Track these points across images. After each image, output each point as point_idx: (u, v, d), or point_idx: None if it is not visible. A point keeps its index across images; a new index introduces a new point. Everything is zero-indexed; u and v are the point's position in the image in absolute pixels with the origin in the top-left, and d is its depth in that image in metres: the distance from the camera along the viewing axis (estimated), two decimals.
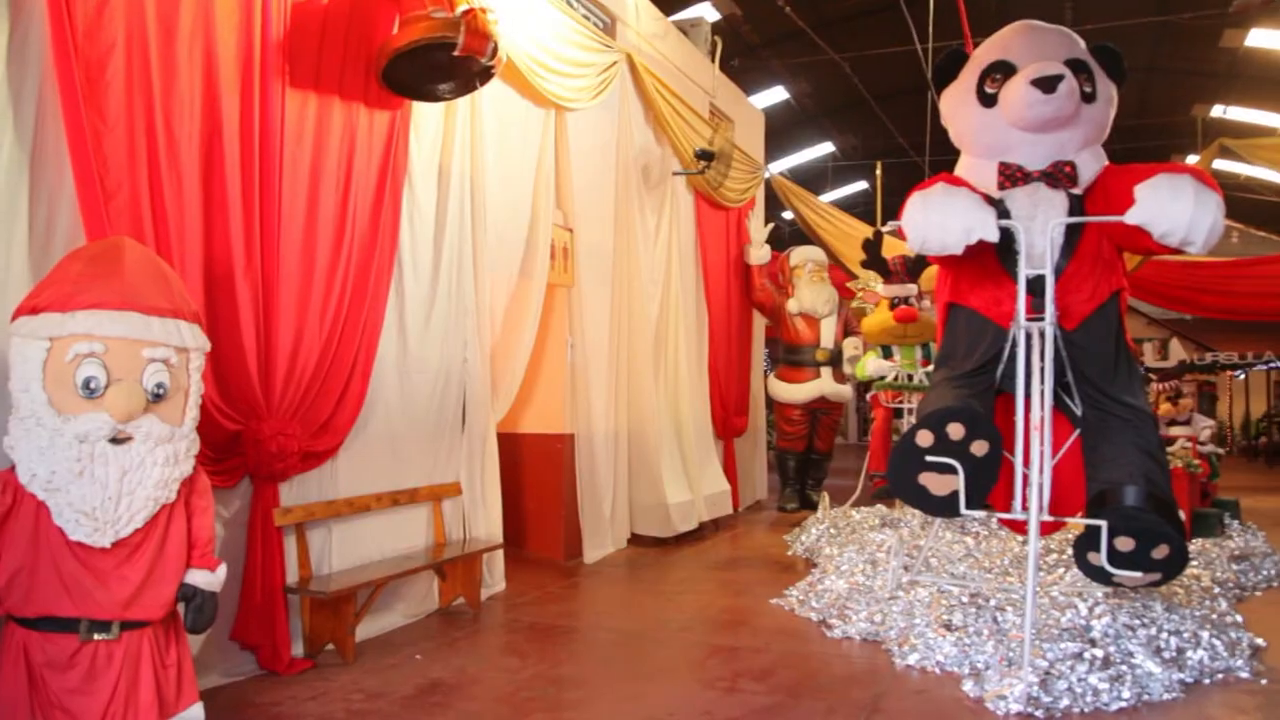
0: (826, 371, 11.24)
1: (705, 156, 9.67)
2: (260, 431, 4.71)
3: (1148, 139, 18.68)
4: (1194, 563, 7.21)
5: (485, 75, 5.59)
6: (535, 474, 8.09)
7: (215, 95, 4.53)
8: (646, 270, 9.12)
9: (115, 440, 3.25)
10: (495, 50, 5.29)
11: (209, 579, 3.59)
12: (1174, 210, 5.01)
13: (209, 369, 4.01)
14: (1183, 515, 6.15)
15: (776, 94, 17.83)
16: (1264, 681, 4.88)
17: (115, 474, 3.23)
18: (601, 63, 8.02)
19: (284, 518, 4.95)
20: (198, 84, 4.46)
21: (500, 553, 6.79)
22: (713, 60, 11.28)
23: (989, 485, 5.16)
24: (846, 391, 11.66)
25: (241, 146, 4.69)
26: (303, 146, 5.08)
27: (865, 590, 6.38)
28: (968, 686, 4.67)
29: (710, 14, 13.45)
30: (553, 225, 7.53)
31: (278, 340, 4.89)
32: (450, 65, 5.32)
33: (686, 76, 10.44)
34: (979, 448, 5.02)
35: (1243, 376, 27.13)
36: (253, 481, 4.85)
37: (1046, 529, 5.83)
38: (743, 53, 15.20)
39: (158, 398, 3.35)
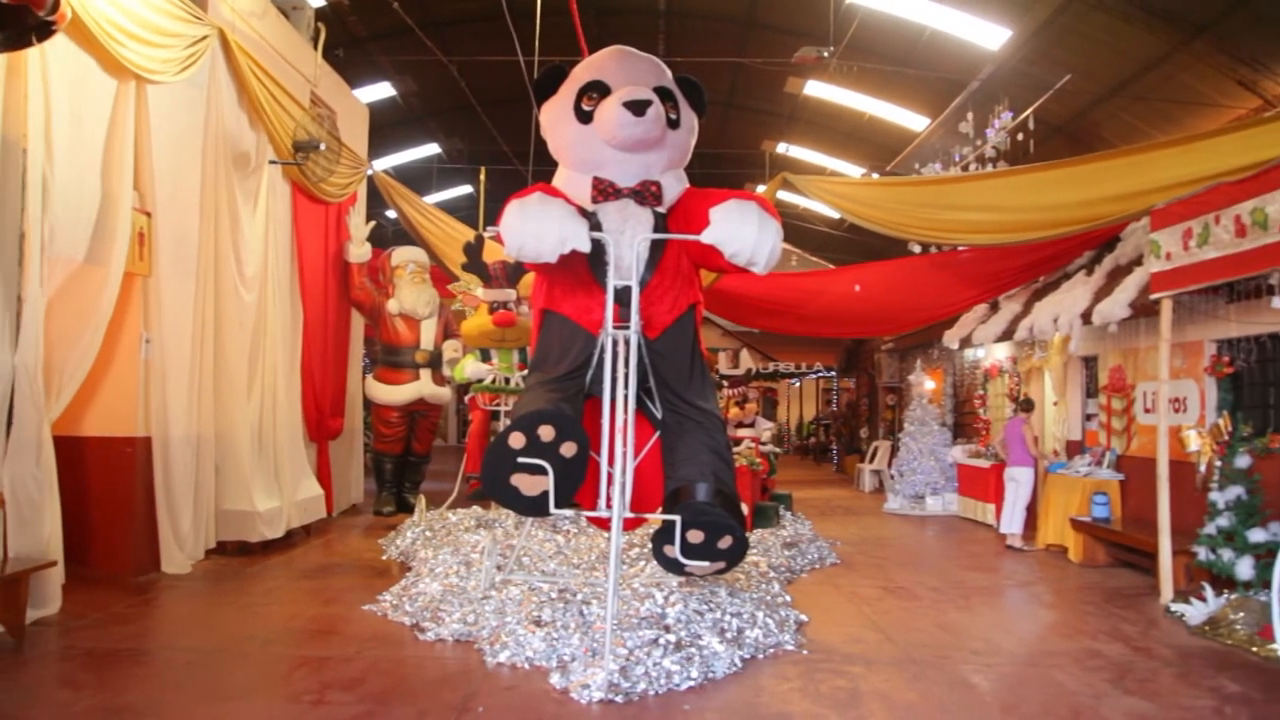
0: (426, 373, 11.22)
1: (304, 147, 9.25)
2: None
3: (725, 167, 20.65)
4: (754, 551, 8.08)
5: (45, 31, 4.97)
6: (102, 481, 7.28)
7: None
8: (236, 263, 8.56)
9: None
10: (57, 4, 4.73)
11: None
12: (742, 233, 5.60)
13: None
14: (745, 508, 6.85)
15: (383, 90, 17.48)
16: (805, 652, 5.61)
17: None
18: (190, 35, 7.41)
19: None
20: None
21: (55, 571, 6.02)
22: (315, 47, 10.82)
23: (577, 485, 5.43)
24: (445, 393, 11.71)
25: None
26: None
27: (459, 591, 6.45)
28: (555, 679, 4.86)
29: None
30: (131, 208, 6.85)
31: None
32: (1, 14, 4.67)
33: (286, 61, 9.94)
34: (568, 449, 5.26)
35: (798, 384, 30.84)
36: None
37: (629, 525, 6.25)
38: (348, 44, 14.71)
39: None
